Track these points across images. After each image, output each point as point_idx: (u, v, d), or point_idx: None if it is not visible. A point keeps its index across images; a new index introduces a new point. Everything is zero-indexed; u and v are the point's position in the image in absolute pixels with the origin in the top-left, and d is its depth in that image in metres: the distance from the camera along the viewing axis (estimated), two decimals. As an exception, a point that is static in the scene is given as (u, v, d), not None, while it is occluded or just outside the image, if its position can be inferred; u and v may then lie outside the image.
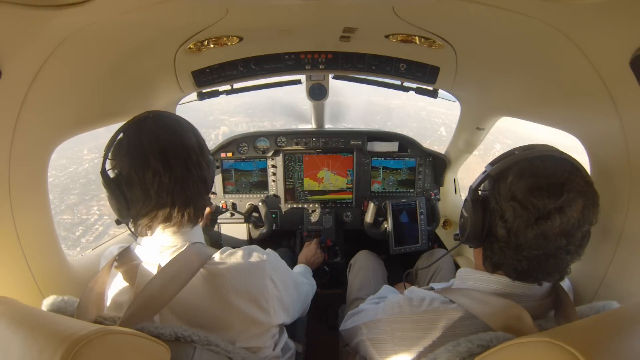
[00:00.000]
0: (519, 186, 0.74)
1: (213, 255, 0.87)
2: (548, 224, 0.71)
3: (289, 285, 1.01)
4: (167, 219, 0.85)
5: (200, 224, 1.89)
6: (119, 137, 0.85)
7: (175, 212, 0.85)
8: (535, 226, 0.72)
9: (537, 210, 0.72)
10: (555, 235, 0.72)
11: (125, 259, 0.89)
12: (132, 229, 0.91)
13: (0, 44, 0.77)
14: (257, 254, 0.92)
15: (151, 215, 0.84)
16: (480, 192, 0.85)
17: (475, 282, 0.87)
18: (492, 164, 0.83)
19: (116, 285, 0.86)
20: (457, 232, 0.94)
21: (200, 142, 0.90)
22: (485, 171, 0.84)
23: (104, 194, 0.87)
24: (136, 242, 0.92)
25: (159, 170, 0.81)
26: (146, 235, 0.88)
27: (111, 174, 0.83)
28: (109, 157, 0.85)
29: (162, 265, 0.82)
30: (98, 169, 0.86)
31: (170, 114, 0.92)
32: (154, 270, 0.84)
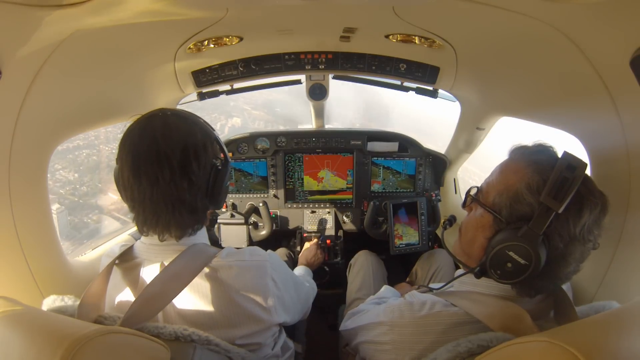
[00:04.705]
0: None
1: (216, 255, 0.87)
2: None
3: (290, 286, 1.02)
4: (166, 226, 0.82)
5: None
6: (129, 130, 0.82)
7: (175, 219, 0.82)
8: None
9: None
10: None
11: (127, 258, 0.88)
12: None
13: (0, 44, 0.77)
14: (259, 254, 0.92)
15: (150, 221, 0.82)
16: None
17: (475, 286, 0.87)
18: None
19: (119, 284, 0.85)
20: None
21: (205, 144, 0.85)
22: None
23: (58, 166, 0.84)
24: (140, 241, 0.90)
25: (155, 178, 0.77)
26: (149, 235, 0.86)
27: (117, 168, 0.82)
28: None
29: (166, 264, 0.82)
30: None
31: (182, 113, 0.87)
32: (157, 269, 0.83)
